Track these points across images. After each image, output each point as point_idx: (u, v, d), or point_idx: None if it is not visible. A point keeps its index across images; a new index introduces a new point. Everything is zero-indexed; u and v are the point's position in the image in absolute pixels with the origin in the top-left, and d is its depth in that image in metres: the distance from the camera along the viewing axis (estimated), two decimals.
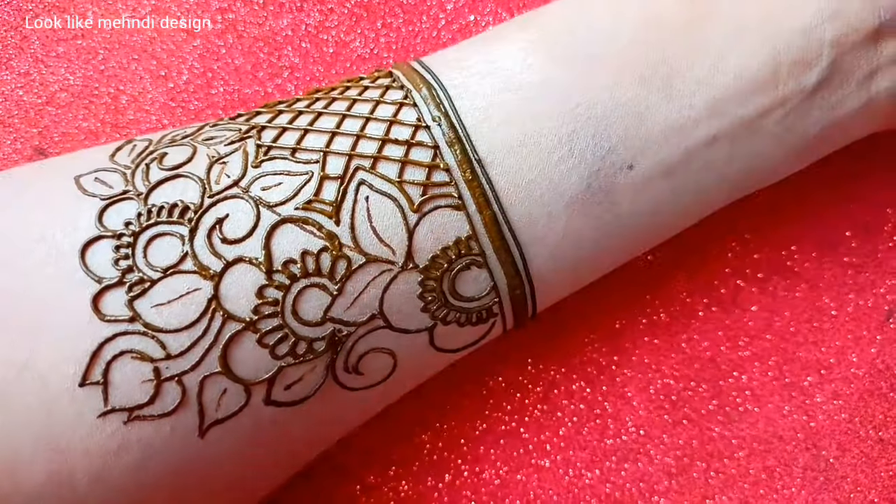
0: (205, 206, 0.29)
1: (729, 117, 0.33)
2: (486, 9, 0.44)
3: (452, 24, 0.44)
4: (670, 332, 0.42)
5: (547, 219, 0.32)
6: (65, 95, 0.44)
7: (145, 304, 0.28)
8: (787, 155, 0.35)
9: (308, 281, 0.29)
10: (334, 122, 0.31)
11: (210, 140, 0.32)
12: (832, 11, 0.33)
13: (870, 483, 0.40)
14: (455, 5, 0.44)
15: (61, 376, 0.28)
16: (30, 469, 0.28)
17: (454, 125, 0.31)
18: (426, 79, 0.32)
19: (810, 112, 0.34)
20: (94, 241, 0.29)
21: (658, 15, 0.33)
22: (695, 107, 0.32)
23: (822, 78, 0.33)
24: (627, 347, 0.42)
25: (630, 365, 0.41)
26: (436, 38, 0.45)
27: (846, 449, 0.40)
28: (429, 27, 0.45)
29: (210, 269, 0.29)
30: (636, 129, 0.32)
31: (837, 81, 0.33)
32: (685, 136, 0.32)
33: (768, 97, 0.33)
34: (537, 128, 0.31)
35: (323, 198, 0.30)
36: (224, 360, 0.29)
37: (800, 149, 0.35)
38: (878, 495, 0.39)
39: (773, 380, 0.41)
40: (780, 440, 0.40)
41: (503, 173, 0.31)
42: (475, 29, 0.44)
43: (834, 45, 0.33)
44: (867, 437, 0.40)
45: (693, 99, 0.32)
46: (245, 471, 0.32)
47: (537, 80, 0.32)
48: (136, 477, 0.29)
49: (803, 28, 0.33)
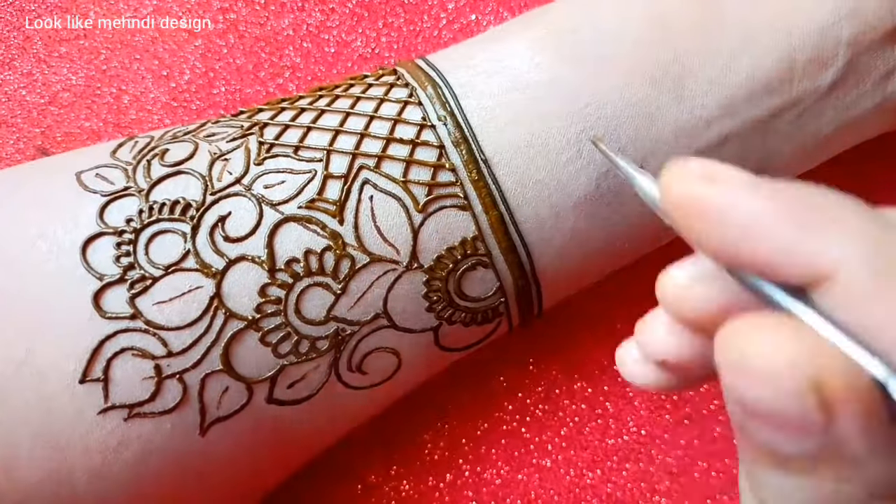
0: (207, 204, 0.29)
1: (741, 117, 0.32)
2: (488, 8, 0.44)
3: (454, 24, 0.44)
4: None
5: (555, 219, 0.31)
6: (67, 95, 0.44)
7: (147, 302, 0.28)
8: (799, 154, 0.35)
9: (311, 280, 0.29)
10: (338, 119, 0.31)
11: (212, 136, 0.32)
12: (849, 10, 0.32)
13: None
14: (456, 5, 0.44)
15: (61, 373, 0.28)
16: (28, 465, 0.27)
17: (460, 124, 0.31)
18: (431, 77, 0.32)
19: (824, 112, 0.33)
20: (95, 237, 0.29)
21: (664, 14, 0.32)
22: (707, 107, 0.32)
23: (838, 78, 0.33)
24: None
25: None
26: (437, 38, 0.45)
27: None
28: (430, 26, 0.45)
29: (212, 267, 0.28)
30: (647, 130, 0.31)
31: (853, 81, 0.33)
32: (696, 137, 0.32)
33: (782, 97, 0.32)
34: (545, 128, 0.31)
35: (326, 196, 0.30)
36: (226, 359, 0.29)
37: (811, 148, 0.35)
38: None
39: None
40: None
41: (510, 173, 0.31)
42: (476, 28, 0.44)
43: (850, 44, 0.32)
44: None
45: (705, 99, 0.32)
46: (246, 468, 0.32)
47: (545, 79, 0.31)
48: (135, 474, 0.29)
49: (819, 27, 0.32)
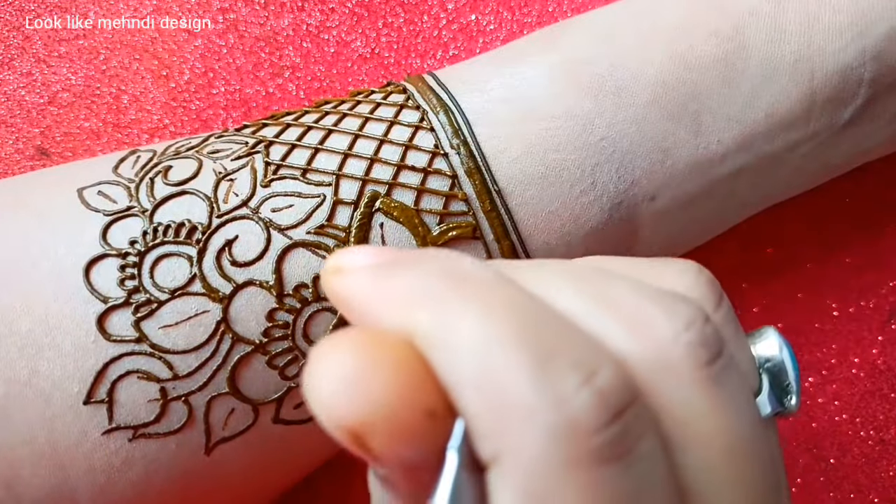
0: (213, 227, 0.29)
1: (755, 152, 0.32)
2: (488, 8, 0.44)
3: (453, 24, 0.44)
4: None
5: (566, 248, 0.31)
6: (66, 95, 0.43)
7: (152, 326, 0.28)
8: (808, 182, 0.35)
9: (319, 305, 0.29)
10: (346, 141, 0.31)
11: (216, 153, 0.31)
12: (874, 53, 0.32)
13: (870, 484, 0.40)
14: (456, 5, 0.44)
15: (65, 394, 0.28)
16: (31, 484, 0.27)
17: (473, 154, 0.30)
18: (443, 101, 0.31)
19: (838, 146, 0.33)
20: (98, 259, 0.28)
21: (685, 48, 0.32)
22: (723, 142, 0.32)
23: (855, 115, 0.33)
24: None
25: None
26: (437, 38, 0.44)
27: (847, 450, 0.40)
28: (430, 27, 0.44)
29: (219, 292, 0.28)
30: (661, 164, 0.31)
31: (869, 118, 0.33)
32: (710, 170, 0.32)
33: (798, 133, 0.32)
34: (560, 159, 0.31)
35: (336, 223, 0.29)
36: (232, 381, 0.29)
37: (821, 175, 0.35)
38: (878, 496, 0.40)
39: None
40: (781, 440, 0.40)
41: (523, 204, 0.30)
42: (476, 28, 0.44)
43: (871, 84, 0.32)
44: (868, 438, 0.40)
45: (722, 135, 0.31)
46: (251, 485, 0.32)
47: (561, 110, 0.31)
48: (139, 493, 0.29)
49: (843, 68, 0.32)
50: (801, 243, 0.42)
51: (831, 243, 0.42)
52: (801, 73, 0.32)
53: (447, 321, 0.18)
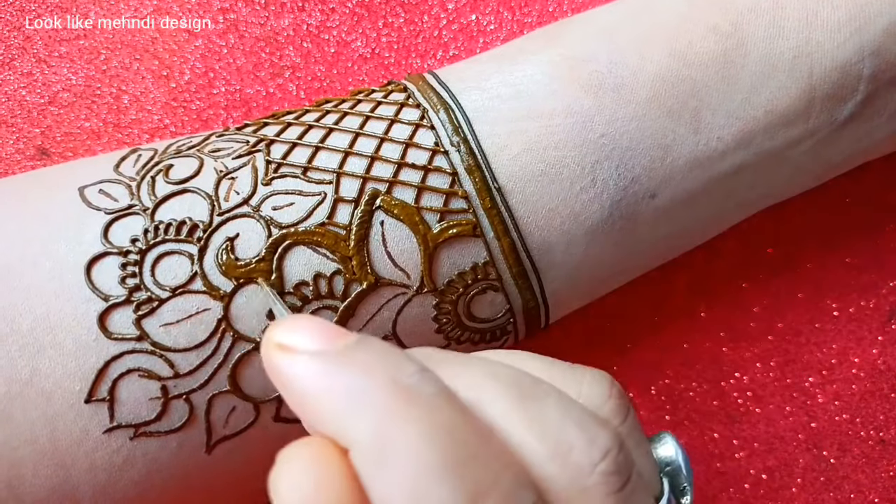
0: (214, 225, 0.29)
1: (755, 149, 0.32)
2: (488, 8, 0.44)
3: (453, 24, 0.44)
4: (672, 333, 0.42)
5: (566, 245, 0.31)
6: (67, 95, 0.43)
7: (153, 324, 0.28)
8: (808, 180, 0.35)
9: (321, 303, 0.29)
10: (347, 140, 0.31)
11: (217, 152, 0.31)
12: (873, 49, 0.32)
13: (870, 484, 0.40)
14: (456, 5, 0.44)
15: (66, 392, 0.28)
16: (32, 483, 0.28)
17: (473, 151, 0.30)
18: (443, 98, 0.31)
19: (838, 143, 0.33)
20: (99, 257, 0.29)
21: (685, 46, 0.32)
22: (723, 139, 0.32)
23: (855, 111, 0.32)
24: (629, 347, 0.42)
25: (631, 365, 0.41)
26: (437, 38, 0.44)
27: (847, 450, 0.40)
28: (430, 27, 0.44)
29: (220, 290, 0.28)
30: (661, 161, 0.31)
31: (868, 114, 0.33)
32: (710, 167, 0.32)
33: (798, 129, 0.32)
34: (559, 156, 0.31)
35: (337, 221, 0.29)
36: (233, 379, 0.29)
37: (821, 173, 0.35)
38: (878, 496, 0.40)
39: (774, 380, 0.41)
40: (781, 441, 0.40)
41: (523, 201, 0.30)
42: (476, 28, 0.44)
43: (871, 80, 0.32)
44: (868, 438, 0.40)
45: (722, 132, 0.32)
46: (252, 482, 0.31)
47: (561, 107, 0.31)
48: (141, 491, 0.29)
49: (841, 64, 0.32)
50: (801, 243, 0.42)
51: (831, 243, 0.42)
52: (800, 69, 0.32)
53: (387, 439, 0.20)
